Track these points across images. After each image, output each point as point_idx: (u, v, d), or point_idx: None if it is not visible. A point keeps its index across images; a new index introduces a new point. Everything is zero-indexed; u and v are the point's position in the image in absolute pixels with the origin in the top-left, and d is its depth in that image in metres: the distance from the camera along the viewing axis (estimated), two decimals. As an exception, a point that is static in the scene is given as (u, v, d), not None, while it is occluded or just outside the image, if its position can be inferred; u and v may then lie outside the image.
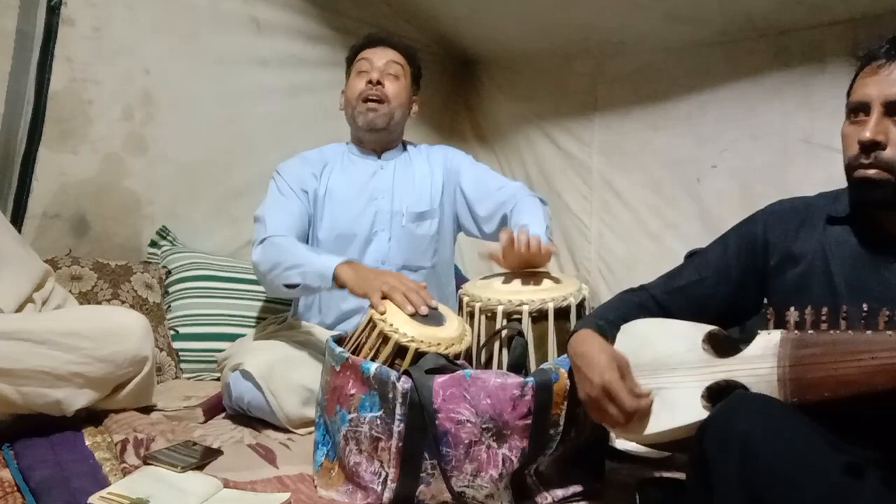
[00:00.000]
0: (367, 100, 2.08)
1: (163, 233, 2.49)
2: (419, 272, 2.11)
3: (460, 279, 2.34)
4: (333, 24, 2.78)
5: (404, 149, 2.24)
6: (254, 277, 2.21)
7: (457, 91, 3.29)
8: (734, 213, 2.30)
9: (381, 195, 2.12)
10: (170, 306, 2.38)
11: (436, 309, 1.64)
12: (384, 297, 1.62)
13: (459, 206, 2.20)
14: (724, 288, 1.42)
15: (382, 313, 1.56)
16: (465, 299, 1.71)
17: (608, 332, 1.39)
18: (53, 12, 2.18)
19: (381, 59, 2.11)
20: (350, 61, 2.18)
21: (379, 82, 2.07)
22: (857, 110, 1.26)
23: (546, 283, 1.73)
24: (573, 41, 2.75)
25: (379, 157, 2.18)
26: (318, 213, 2.09)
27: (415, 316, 1.58)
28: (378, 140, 2.15)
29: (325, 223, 2.09)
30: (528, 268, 1.77)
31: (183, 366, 2.31)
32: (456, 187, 2.19)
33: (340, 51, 2.73)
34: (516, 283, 1.74)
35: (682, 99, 2.56)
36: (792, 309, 1.20)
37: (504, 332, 1.62)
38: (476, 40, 3.07)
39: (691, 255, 1.84)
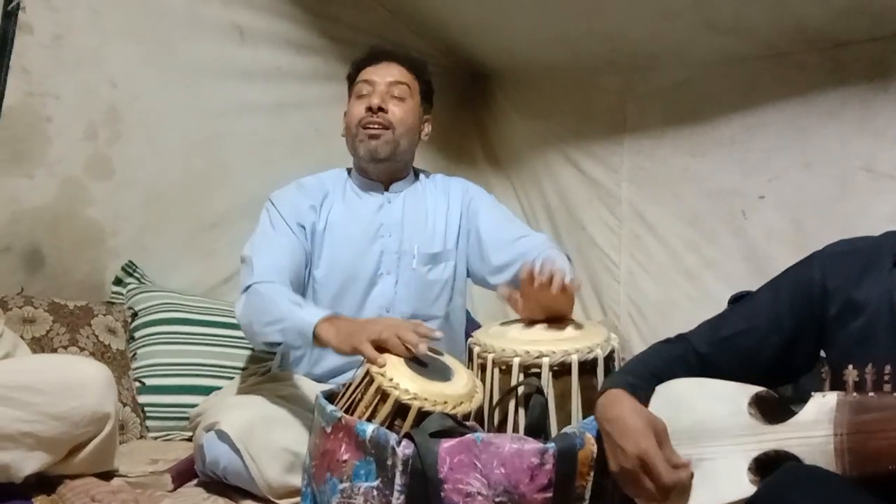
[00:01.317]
0: (367, 126, 2.10)
1: (129, 269, 2.51)
2: (431, 322, 2.11)
3: (471, 325, 2.35)
4: (327, 33, 2.83)
5: (416, 178, 2.27)
6: (233, 321, 2.22)
7: (466, 108, 3.32)
8: (785, 252, 2.34)
9: (387, 232, 2.15)
10: (135, 354, 2.39)
11: (441, 356, 1.64)
12: (378, 348, 1.62)
13: (471, 251, 2.21)
14: (775, 340, 1.43)
15: (381, 366, 1.57)
16: (477, 349, 1.73)
17: (641, 391, 1.40)
18: (9, 17, 2.21)
19: (383, 79, 2.14)
20: (351, 80, 2.21)
21: (381, 108, 2.10)
22: None
23: (569, 331, 1.75)
24: (599, 53, 2.78)
25: (386, 189, 2.20)
26: (316, 251, 2.11)
27: (418, 369, 1.58)
28: (383, 170, 2.18)
29: (323, 262, 2.11)
30: (549, 315, 1.78)
31: (149, 423, 2.31)
32: (472, 229, 2.21)
33: (334, 62, 2.77)
34: (535, 331, 1.75)
35: (724, 120, 2.58)
36: (850, 367, 1.21)
37: (521, 389, 1.63)
38: (488, 51, 3.11)
39: (736, 300, 1.85)
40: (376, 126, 2.10)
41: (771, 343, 1.43)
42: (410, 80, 2.17)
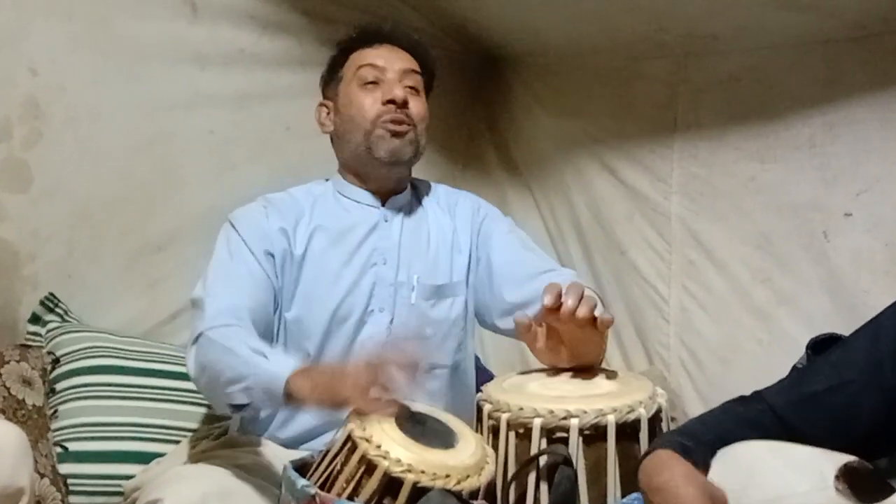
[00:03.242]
0: (391, 122, 2.11)
1: (50, 303, 2.50)
2: (435, 373, 2.11)
3: (481, 376, 2.33)
4: (300, 7, 2.84)
5: (413, 191, 2.27)
6: (181, 369, 2.21)
7: (476, 102, 3.34)
8: (877, 283, 2.34)
9: (381, 259, 2.14)
10: (56, 411, 2.36)
11: (442, 417, 1.63)
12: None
13: (480, 285, 2.22)
14: (875, 396, 1.43)
15: (366, 430, 1.56)
16: (487, 408, 1.71)
17: (698, 456, 1.39)
18: None
19: (392, 66, 2.15)
20: (338, 65, 2.22)
21: (405, 102, 2.12)
22: None
23: (604, 384, 1.74)
24: (644, 34, 2.79)
25: (383, 204, 2.20)
26: (290, 286, 2.10)
27: (413, 433, 1.57)
28: (393, 177, 2.19)
29: (298, 301, 2.09)
30: (575, 358, 1.78)
31: (73, 500, 2.28)
32: (482, 258, 2.22)
33: (309, 44, 2.78)
34: (562, 384, 1.74)
35: (800, 118, 2.58)
36: (968, 433, 1.20)
37: (543, 459, 1.61)
38: (505, 30, 3.12)
39: (818, 345, 1.84)
40: (403, 123, 2.12)
41: (869, 401, 1.43)
42: (418, 68, 2.21)
